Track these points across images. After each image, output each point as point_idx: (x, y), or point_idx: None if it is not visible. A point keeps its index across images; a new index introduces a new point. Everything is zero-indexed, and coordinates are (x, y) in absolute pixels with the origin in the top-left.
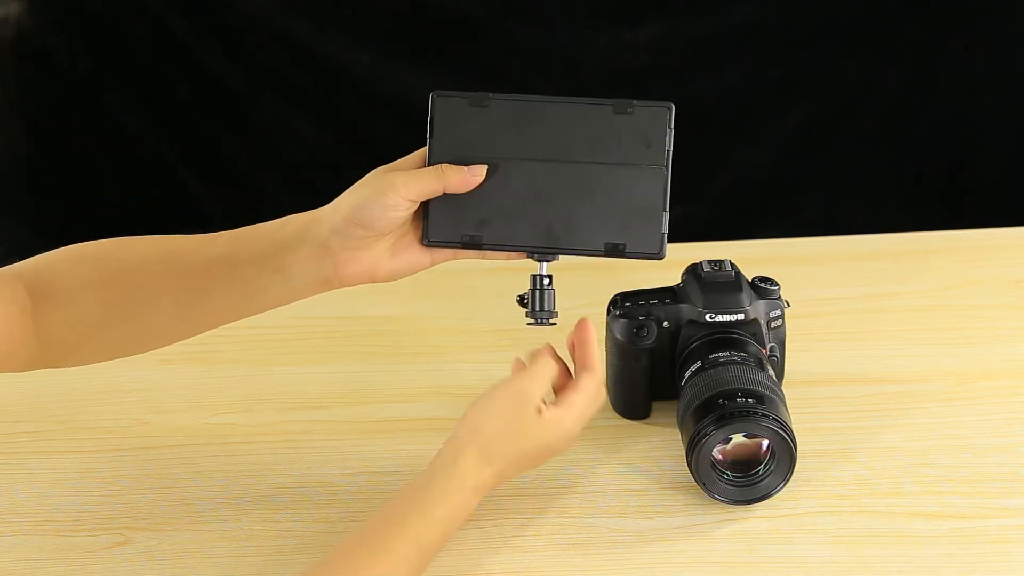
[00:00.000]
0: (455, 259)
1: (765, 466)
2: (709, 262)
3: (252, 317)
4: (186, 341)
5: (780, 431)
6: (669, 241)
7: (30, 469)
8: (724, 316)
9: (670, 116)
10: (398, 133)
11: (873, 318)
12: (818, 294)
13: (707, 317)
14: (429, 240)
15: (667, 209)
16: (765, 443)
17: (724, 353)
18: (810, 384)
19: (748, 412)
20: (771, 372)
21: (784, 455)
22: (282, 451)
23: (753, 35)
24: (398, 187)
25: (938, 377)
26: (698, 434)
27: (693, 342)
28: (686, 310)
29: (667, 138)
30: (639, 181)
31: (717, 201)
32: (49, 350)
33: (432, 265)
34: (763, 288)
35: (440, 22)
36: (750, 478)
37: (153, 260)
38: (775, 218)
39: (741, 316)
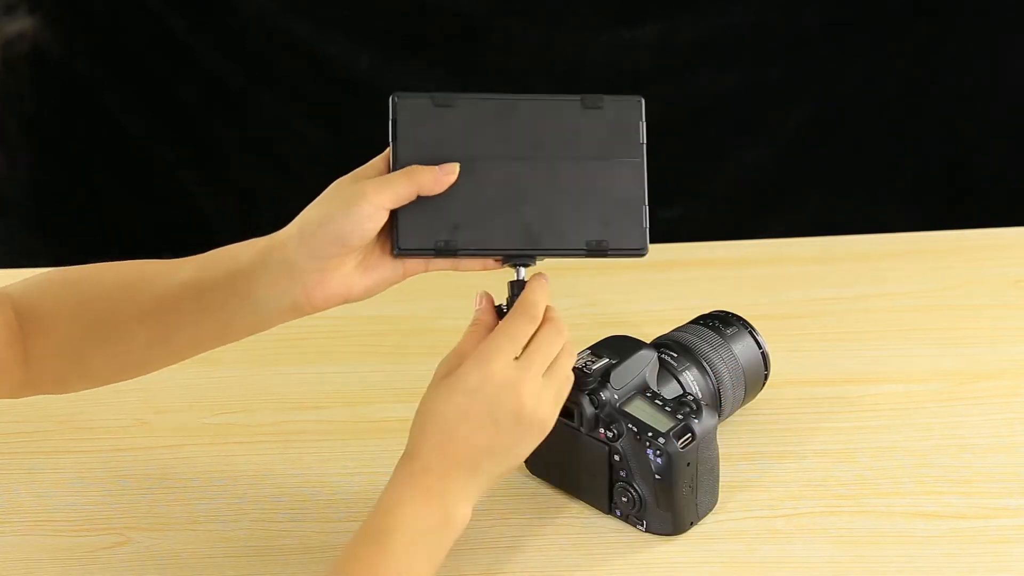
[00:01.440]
0: (427, 271)
1: None
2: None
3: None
4: None
5: None
6: (670, 241)
7: (30, 469)
8: None
9: (641, 108)
10: None
11: (873, 318)
12: (818, 294)
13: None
14: (400, 249)
15: (647, 203)
16: None
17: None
18: (810, 384)
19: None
20: None
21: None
22: (282, 451)
23: (753, 35)
24: (369, 195)
25: (938, 377)
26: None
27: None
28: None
29: (641, 130)
30: (616, 176)
31: (717, 201)
32: (38, 376)
33: (404, 279)
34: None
35: (440, 22)
36: None
37: (125, 287)
38: (775, 218)
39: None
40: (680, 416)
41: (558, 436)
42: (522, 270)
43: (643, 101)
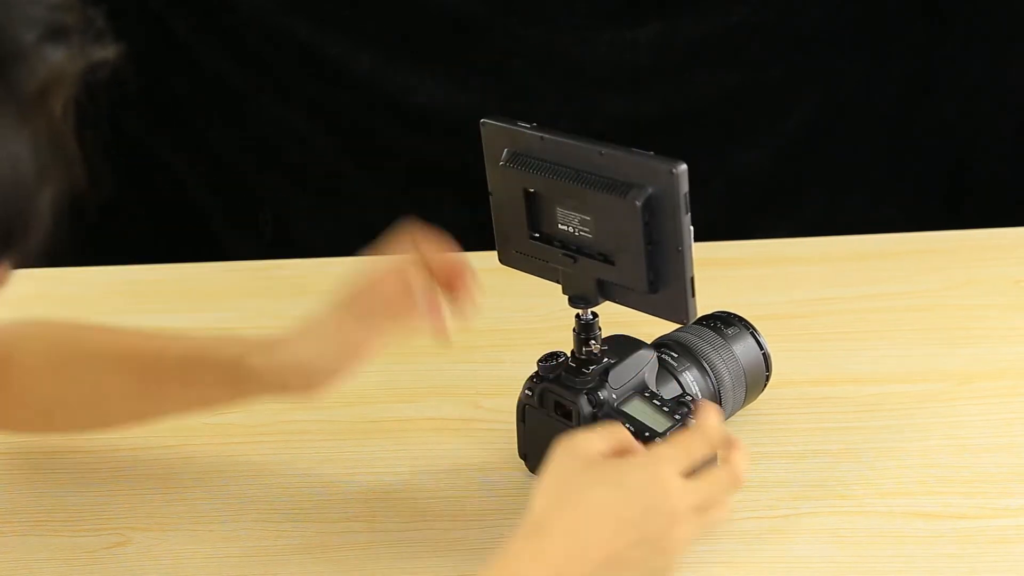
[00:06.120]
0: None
1: None
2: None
3: (250, 316)
4: None
5: None
6: None
7: (30, 469)
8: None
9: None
10: (398, 133)
11: (874, 318)
12: (818, 294)
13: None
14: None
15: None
16: None
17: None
18: (810, 384)
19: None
20: None
21: None
22: (282, 451)
23: (753, 35)
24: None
25: (938, 377)
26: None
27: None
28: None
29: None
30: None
31: (717, 201)
32: (12, 417)
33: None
34: None
35: (440, 22)
36: None
37: (107, 356)
38: (775, 218)
39: None
40: (678, 416)
41: (557, 436)
42: (589, 312)
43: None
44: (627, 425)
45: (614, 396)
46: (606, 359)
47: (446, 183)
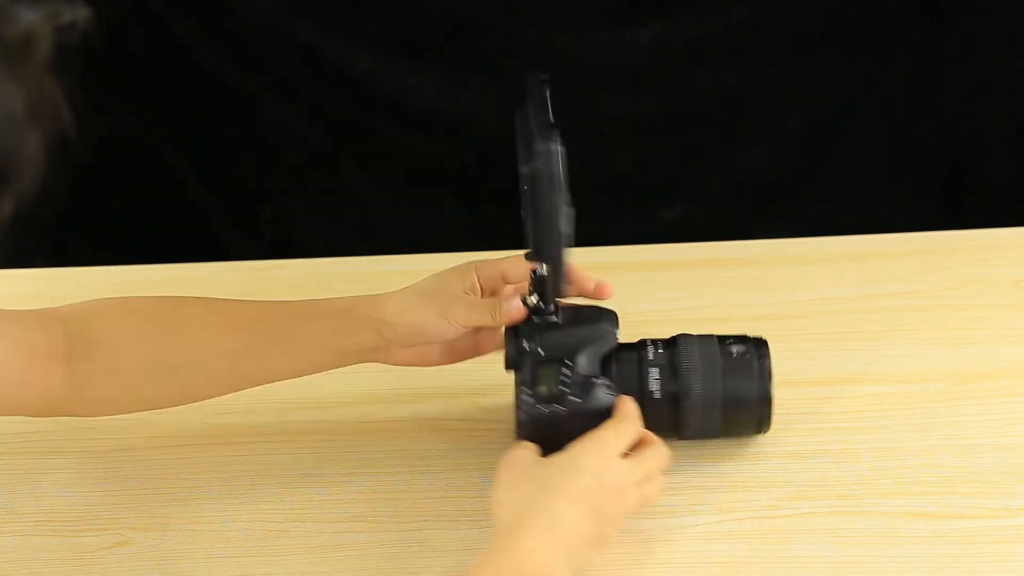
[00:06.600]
0: (496, 351)
1: None
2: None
3: None
4: None
5: None
6: (670, 241)
7: (30, 469)
8: None
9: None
10: (398, 133)
11: (873, 318)
12: (818, 294)
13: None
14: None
15: None
16: None
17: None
18: (810, 384)
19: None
20: None
21: None
22: (282, 451)
23: (753, 35)
24: (459, 317)
25: (938, 377)
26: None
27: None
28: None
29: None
30: None
31: (717, 201)
32: (78, 398)
33: (477, 355)
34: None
35: (440, 22)
36: None
37: (207, 319)
38: (775, 218)
39: None
40: (563, 388)
41: None
42: (545, 265)
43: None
44: (524, 377)
45: (540, 352)
46: (558, 320)
47: (446, 183)
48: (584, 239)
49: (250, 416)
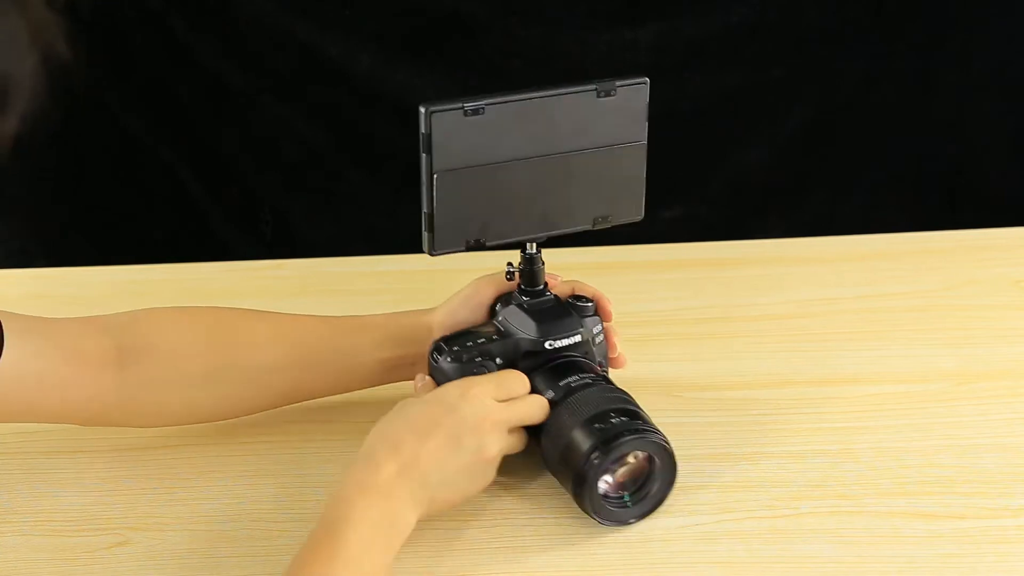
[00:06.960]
0: None
1: (652, 477)
2: (520, 291)
3: None
4: None
5: (663, 442)
6: (670, 241)
7: (30, 469)
8: (562, 341)
9: (647, 91)
10: (398, 133)
11: (873, 318)
12: (818, 294)
13: (546, 345)
14: (435, 251)
15: (645, 179)
16: (644, 455)
17: (573, 378)
18: (810, 384)
19: (632, 430)
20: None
21: (668, 462)
22: (282, 451)
23: (753, 35)
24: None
25: (938, 377)
26: (587, 464)
27: (534, 374)
28: (523, 342)
29: (645, 114)
30: (624, 157)
31: (717, 201)
32: (128, 405)
33: None
34: (581, 307)
35: (440, 22)
36: (643, 491)
37: (267, 331)
38: (775, 218)
39: (577, 338)
40: (472, 359)
41: None
42: (534, 245)
43: (648, 83)
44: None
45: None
46: (527, 298)
47: None
48: (584, 239)
49: (250, 416)
